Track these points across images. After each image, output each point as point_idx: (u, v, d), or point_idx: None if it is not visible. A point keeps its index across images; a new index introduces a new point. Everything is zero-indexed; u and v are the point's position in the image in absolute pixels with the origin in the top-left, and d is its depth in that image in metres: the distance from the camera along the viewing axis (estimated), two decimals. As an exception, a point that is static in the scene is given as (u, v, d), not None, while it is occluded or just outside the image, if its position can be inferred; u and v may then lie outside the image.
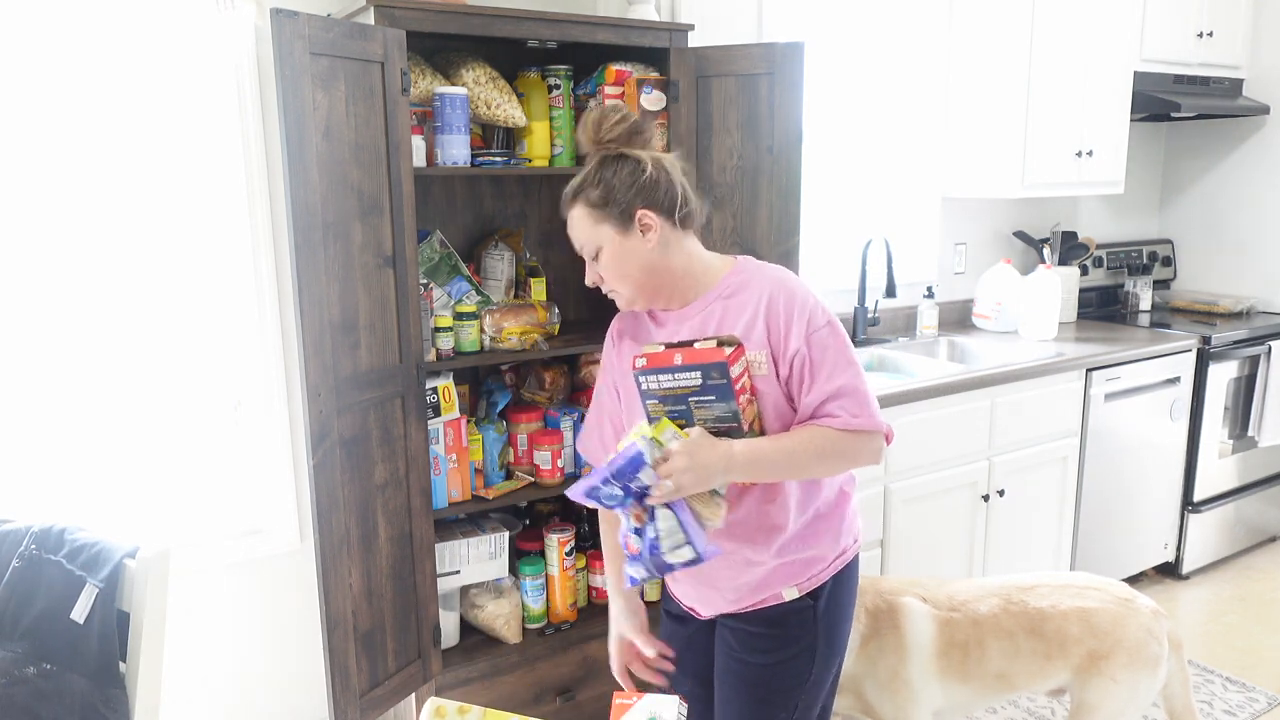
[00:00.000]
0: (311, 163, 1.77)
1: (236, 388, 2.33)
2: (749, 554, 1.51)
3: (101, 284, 2.14)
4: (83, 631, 1.58)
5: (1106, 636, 2.04)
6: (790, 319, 1.44)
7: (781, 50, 2.22)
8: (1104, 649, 2.04)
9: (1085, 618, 2.06)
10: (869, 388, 1.47)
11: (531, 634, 2.35)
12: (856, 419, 1.43)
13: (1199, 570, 3.69)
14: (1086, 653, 2.04)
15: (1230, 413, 3.59)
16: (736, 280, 1.51)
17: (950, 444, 2.83)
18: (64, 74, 2.03)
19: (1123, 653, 2.03)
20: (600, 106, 1.56)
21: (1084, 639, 2.05)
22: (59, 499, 2.13)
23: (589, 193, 1.48)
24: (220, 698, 2.40)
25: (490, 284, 2.38)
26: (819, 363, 1.43)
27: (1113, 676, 2.03)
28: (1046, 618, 2.06)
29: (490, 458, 2.30)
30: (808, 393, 1.44)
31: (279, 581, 2.43)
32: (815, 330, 1.44)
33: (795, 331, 1.44)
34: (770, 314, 1.45)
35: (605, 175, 1.47)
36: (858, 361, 1.47)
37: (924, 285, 3.49)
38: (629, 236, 1.47)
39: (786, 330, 1.44)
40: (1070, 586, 2.14)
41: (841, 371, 1.44)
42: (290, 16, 1.70)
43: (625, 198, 1.46)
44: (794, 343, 1.43)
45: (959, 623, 2.06)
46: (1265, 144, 3.86)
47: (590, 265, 1.52)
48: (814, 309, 1.46)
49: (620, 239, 1.47)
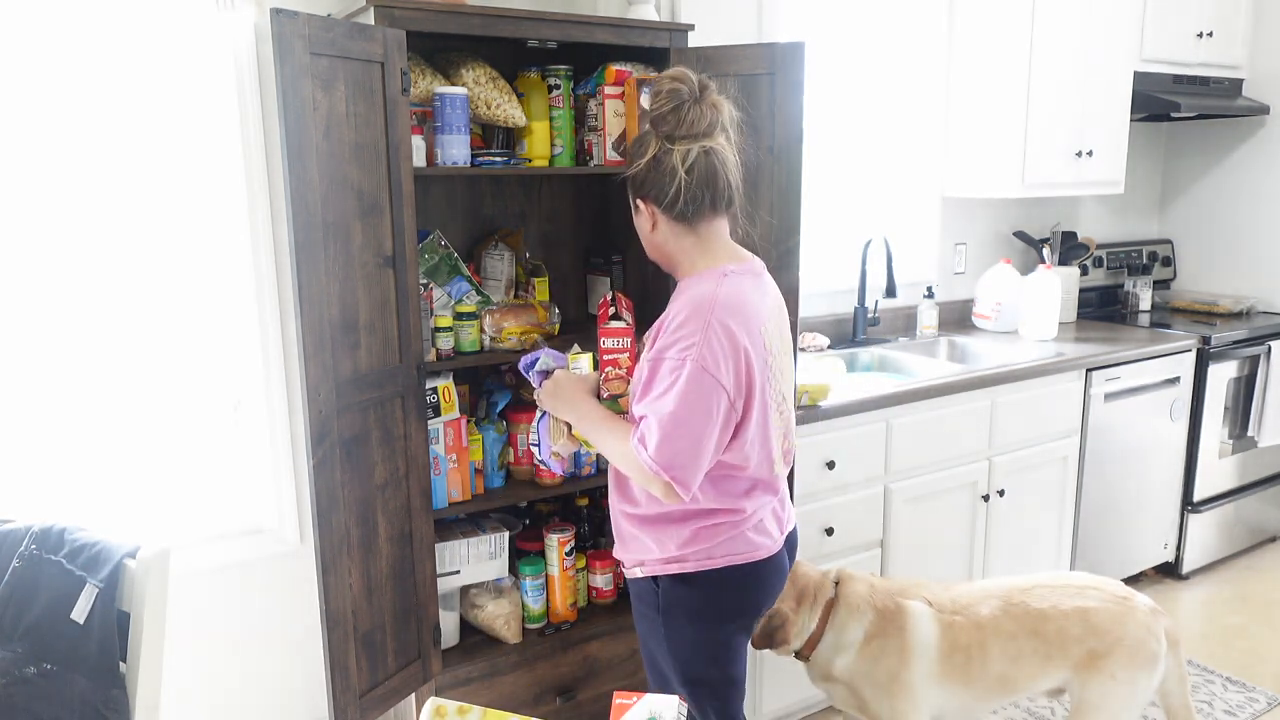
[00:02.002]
0: (311, 163, 1.77)
1: (236, 388, 2.33)
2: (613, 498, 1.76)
3: (102, 284, 2.14)
4: (83, 631, 1.58)
5: (1106, 635, 2.05)
6: (665, 330, 1.57)
7: (782, 50, 2.22)
8: (1103, 648, 2.04)
9: (1085, 617, 2.06)
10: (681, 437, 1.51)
11: (531, 634, 2.34)
12: (642, 447, 1.54)
13: (1199, 570, 3.69)
14: (1086, 652, 2.05)
15: (1230, 413, 3.59)
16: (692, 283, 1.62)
17: (950, 444, 2.83)
18: (64, 74, 2.03)
19: (1122, 651, 2.04)
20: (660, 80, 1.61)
21: (1084, 638, 2.05)
22: (59, 499, 2.13)
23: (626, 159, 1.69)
24: (220, 697, 2.40)
25: (490, 284, 2.38)
26: (653, 383, 1.55)
27: (1112, 675, 2.03)
28: (1047, 618, 2.06)
29: (490, 458, 2.30)
30: (637, 402, 1.59)
31: (279, 581, 2.43)
32: (668, 355, 1.53)
33: (658, 343, 1.56)
34: (665, 318, 1.60)
35: (631, 151, 1.66)
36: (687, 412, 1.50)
37: (924, 285, 3.49)
38: (638, 215, 1.68)
39: (655, 336, 1.60)
40: (1069, 586, 2.14)
41: (660, 404, 1.52)
42: (290, 16, 1.70)
43: (631, 183, 1.66)
44: (653, 349, 1.57)
45: (962, 626, 2.06)
46: (1265, 144, 3.86)
47: None
48: (688, 340, 1.51)
49: (634, 213, 1.70)
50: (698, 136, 1.58)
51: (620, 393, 1.69)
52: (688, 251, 1.65)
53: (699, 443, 1.52)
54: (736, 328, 1.54)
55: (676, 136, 1.58)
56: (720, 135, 1.61)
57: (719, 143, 1.61)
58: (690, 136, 1.58)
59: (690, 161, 1.57)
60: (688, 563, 1.68)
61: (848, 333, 3.35)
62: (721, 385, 1.52)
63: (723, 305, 1.54)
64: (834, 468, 2.58)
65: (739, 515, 1.67)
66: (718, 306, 1.54)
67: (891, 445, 2.70)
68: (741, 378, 1.55)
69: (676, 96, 1.58)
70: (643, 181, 1.62)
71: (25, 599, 1.60)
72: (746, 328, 1.56)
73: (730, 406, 1.55)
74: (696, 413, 1.51)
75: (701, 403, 1.51)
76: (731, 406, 1.55)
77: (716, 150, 1.60)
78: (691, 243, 1.64)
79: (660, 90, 1.59)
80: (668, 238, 1.66)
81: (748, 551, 1.68)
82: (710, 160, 1.59)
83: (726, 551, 1.67)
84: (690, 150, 1.57)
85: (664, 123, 1.59)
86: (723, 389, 1.52)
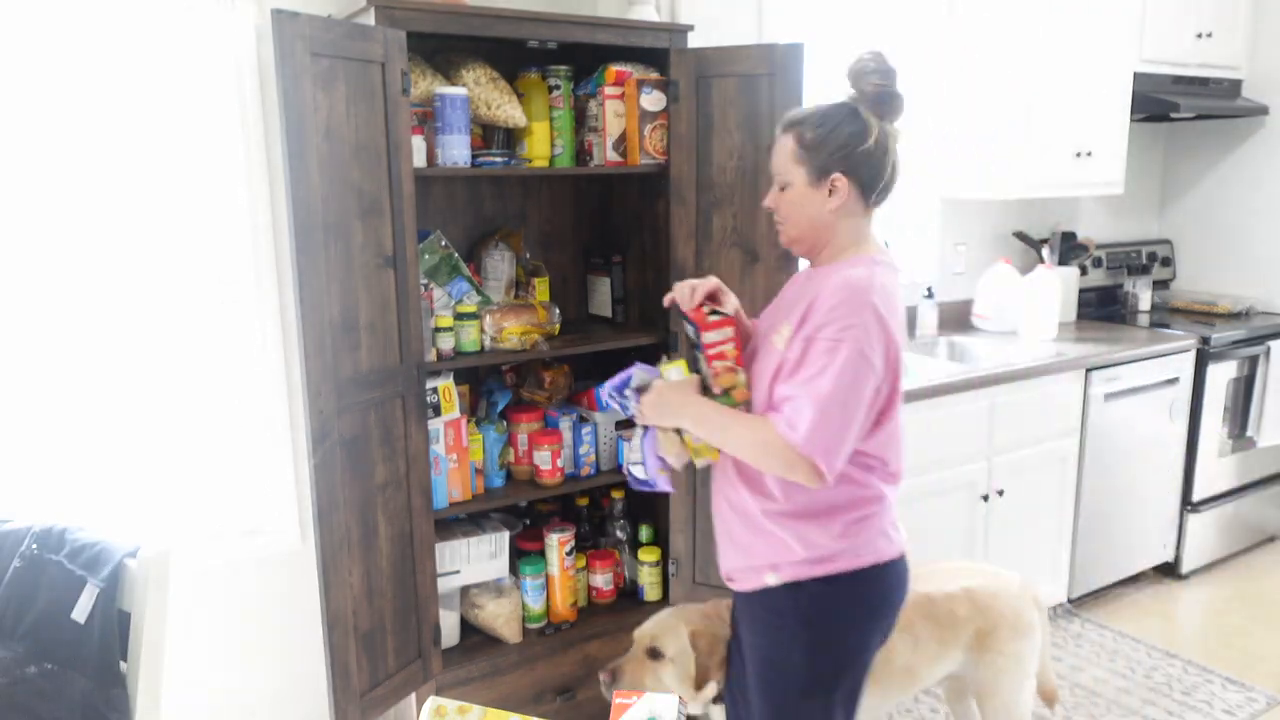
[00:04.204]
0: (312, 163, 1.77)
1: (237, 387, 2.33)
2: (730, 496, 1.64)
3: (102, 284, 2.14)
4: (83, 631, 1.58)
5: (989, 611, 2.06)
6: (817, 310, 1.49)
7: (781, 51, 2.22)
8: (988, 625, 2.05)
9: (970, 597, 2.07)
10: (836, 419, 1.45)
11: (531, 634, 2.35)
12: (791, 429, 1.46)
13: (1198, 570, 3.69)
14: (974, 631, 2.05)
15: (1229, 413, 3.59)
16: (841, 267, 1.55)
17: (950, 444, 2.83)
18: (65, 74, 2.03)
19: (1005, 625, 2.06)
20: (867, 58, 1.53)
21: (972, 618, 2.05)
22: (60, 499, 2.13)
23: (805, 131, 1.54)
24: (220, 697, 2.40)
25: (490, 284, 2.38)
26: (804, 363, 1.48)
27: (1000, 650, 2.06)
28: (935, 602, 2.04)
29: (490, 458, 2.30)
30: (783, 382, 1.50)
31: (279, 581, 2.43)
32: (823, 335, 1.47)
33: (811, 321, 1.49)
34: (815, 299, 1.51)
35: (829, 123, 1.53)
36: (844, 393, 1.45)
37: (924, 285, 3.49)
38: (818, 189, 1.55)
39: (807, 316, 1.51)
40: (949, 569, 2.16)
41: (814, 384, 1.45)
42: (291, 17, 1.70)
43: (833, 155, 1.53)
44: (805, 329, 1.49)
45: None
46: (1265, 144, 3.86)
47: (774, 192, 1.62)
48: (846, 320, 1.46)
49: (808, 188, 1.55)
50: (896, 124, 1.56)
51: (731, 385, 1.59)
52: (849, 235, 1.59)
53: (850, 426, 1.47)
54: (888, 316, 1.49)
55: (890, 120, 1.54)
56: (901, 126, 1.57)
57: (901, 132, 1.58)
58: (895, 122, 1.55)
59: (898, 149, 1.56)
60: (839, 561, 1.58)
61: (847, 333, 3.35)
62: (874, 369, 1.47)
63: (878, 291, 1.49)
64: (834, 468, 2.57)
65: (881, 508, 1.60)
66: (874, 291, 1.49)
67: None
68: (891, 365, 1.51)
69: (890, 78, 1.52)
70: (854, 157, 1.52)
71: (26, 599, 1.60)
72: (895, 318, 1.52)
73: (877, 393, 1.51)
74: (852, 396, 1.46)
75: (857, 386, 1.46)
76: (878, 393, 1.51)
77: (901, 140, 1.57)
78: (860, 226, 1.59)
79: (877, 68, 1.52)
80: (843, 217, 1.57)
81: (888, 548, 1.62)
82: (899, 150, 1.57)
83: (873, 549, 1.60)
84: (899, 136, 1.55)
85: (883, 104, 1.53)
86: (875, 372, 1.48)
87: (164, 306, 2.22)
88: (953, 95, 3.38)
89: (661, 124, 2.29)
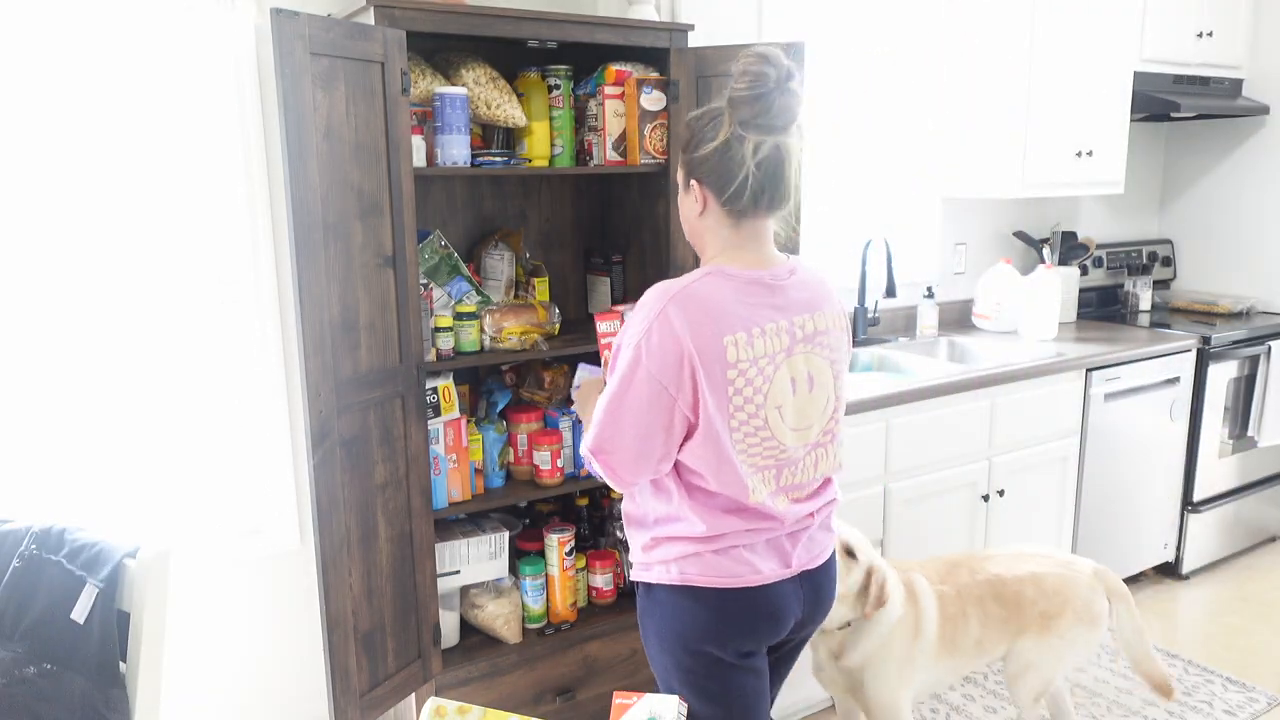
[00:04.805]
0: (311, 163, 1.77)
1: (237, 387, 2.33)
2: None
3: (102, 284, 2.14)
4: (83, 631, 1.58)
5: (1055, 597, 2.19)
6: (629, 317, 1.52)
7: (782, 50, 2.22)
8: (1054, 609, 2.19)
9: (1036, 581, 2.20)
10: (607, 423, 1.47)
11: (531, 634, 2.35)
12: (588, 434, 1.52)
13: (1199, 570, 3.69)
14: (1039, 613, 2.18)
15: (1230, 413, 3.59)
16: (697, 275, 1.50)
17: (950, 444, 2.83)
18: (65, 74, 2.03)
19: (1071, 612, 2.19)
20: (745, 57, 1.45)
21: (1037, 601, 2.19)
22: (59, 499, 2.13)
23: (683, 131, 1.55)
24: (220, 698, 2.40)
25: (490, 284, 2.38)
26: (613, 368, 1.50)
27: (1061, 634, 2.19)
28: (1005, 583, 2.19)
29: (490, 458, 2.30)
30: None
31: (279, 582, 2.43)
32: (624, 341, 1.48)
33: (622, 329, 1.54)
34: None
35: (695, 126, 1.51)
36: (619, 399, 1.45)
37: (924, 285, 3.49)
38: (687, 195, 1.55)
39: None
40: (1020, 554, 2.27)
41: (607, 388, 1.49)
42: (290, 16, 1.70)
43: (689, 162, 1.52)
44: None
45: (949, 596, 2.14)
46: (1265, 144, 3.86)
47: None
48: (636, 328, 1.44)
49: (682, 193, 1.56)
50: (774, 130, 1.44)
51: None
52: (718, 243, 1.53)
53: (632, 430, 1.44)
54: (684, 326, 1.41)
55: (753, 125, 1.43)
56: (795, 131, 1.47)
57: (793, 138, 1.47)
58: (767, 128, 1.43)
59: (761, 155, 1.44)
60: (652, 570, 1.58)
61: (848, 333, 3.35)
62: (658, 378, 1.41)
63: (677, 300, 1.42)
64: (834, 468, 2.57)
65: (697, 532, 1.51)
66: (671, 301, 1.42)
67: (891, 445, 2.70)
68: (685, 377, 1.42)
69: (762, 82, 1.42)
70: (703, 165, 1.48)
71: (25, 599, 1.60)
72: (698, 331, 1.41)
73: (671, 401, 1.43)
74: (630, 400, 1.43)
75: (637, 391, 1.42)
76: (673, 401, 1.43)
77: (787, 146, 1.46)
78: (728, 237, 1.52)
79: (745, 70, 1.43)
80: (710, 225, 1.53)
81: (712, 576, 1.52)
82: (780, 155, 1.46)
83: (687, 571, 1.53)
84: (764, 143, 1.43)
85: (742, 107, 1.43)
86: (660, 382, 1.42)
87: (164, 306, 2.22)
88: (953, 95, 3.38)
89: (661, 124, 2.29)
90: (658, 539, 1.56)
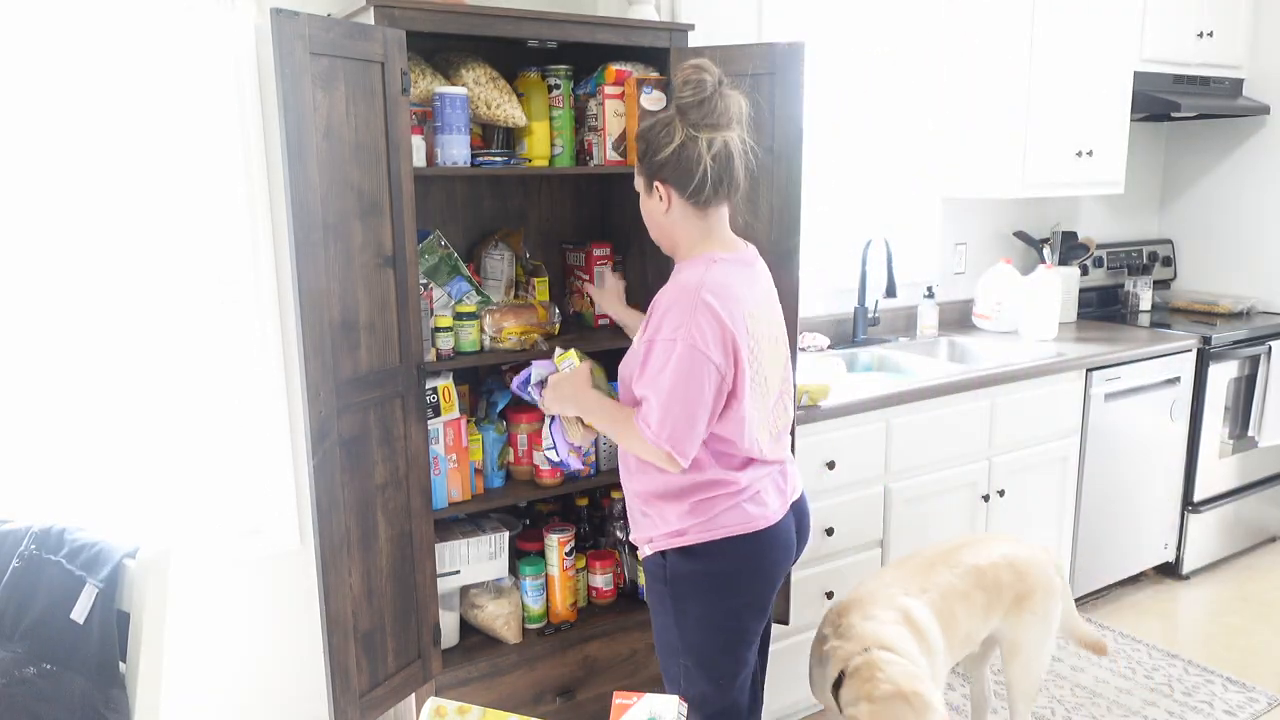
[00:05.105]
0: (311, 163, 1.77)
1: (236, 387, 2.33)
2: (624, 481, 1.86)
3: (102, 284, 2.14)
4: (83, 631, 1.58)
5: (1027, 576, 2.24)
6: (655, 314, 1.68)
7: (782, 50, 2.22)
8: (1025, 589, 2.24)
9: (1010, 564, 2.24)
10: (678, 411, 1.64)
11: (531, 634, 2.34)
12: (646, 425, 1.67)
13: (1199, 570, 3.69)
14: (1014, 595, 2.23)
15: (1230, 413, 3.59)
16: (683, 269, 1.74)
17: (950, 444, 2.83)
18: (65, 74, 2.03)
19: (1040, 589, 2.25)
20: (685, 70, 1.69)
21: (1013, 583, 2.24)
22: (60, 499, 2.13)
23: (639, 144, 1.74)
24: (220, 698, 2.40)
25: (490, 284, 2.38)
26: (648, 364, 1.67)
27: (1033, 610, 2.25)
28: (984, 571, 2.22)
29: (490, 458, 2.30)
30: (636, 382, 1.71)
31: (279, 582, 2.43)
32: (660, 336, 1.65)
33: (652, 325, 1.69)
34: (656, 304, 1.71)
35: (650, 136, 1.71)
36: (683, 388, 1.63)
37: (924, 285, 3.49)
38: (651, 197, 1.75)
39: (649, 321, 1.70)
40: (986, 539, 2.31)
41: (658, 382, 1.65)
42: (290, 16, 1.70)
43: (650, 166, 1.72)
44: (647, 332, 1.69)
45: (938, 602, 2.15)
46: (1265, 144, 3.86)
47: None
48: (677, 322, 1.63)
49: (646, 196, 1.76)
50: (720, 127, 1.67)
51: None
52: (691, 235, 1.75)
53: (694, 414, 1.65)
54: (720, 309, 1.64)
55: (703, 125, 1.66)
56: (736, 127, 1.70)
57: (735, 133, 1.70)
58: (714, 126, 1.66)
59: (715, 150, 1.66)
60: (688, 535, 1.75)
61: (848, 333, 3.35)
62: (711, 360, 1.62)
63: (708, 288, 1.65)
64: (834, 468, 2.58)
65: (734, 487, 1.74)
66: (704, 289, 1.64)
67: (891, 445, 2.70)
68: (729, 353, 1.65)
69: (702, 88, 1.66)
70: (665, 166, 1.69)
71: (25, 599, 1.60)
72: (729, 311, 1.65)
73: (721, 378, 1.65)
74: (691, 387, 1.63)
75: (695, 378, 1.63)
76: (722, 379, 1.66)
77: (732, 141, 1.69)
78: (698, 225, 1.74)
79: (687, 80, 1.67)
80: (677, 221, 1.74)
81: (745, 523, 1.75)
82: (729, 149, 1.68)
83: (725, 523, 1.75)
84: (714, 139, 1.66)
85: (691, 111, 1.67)
86: (712, 363, 1.63)
87: (163, 306, 2.22)
88: (953, 95, 3.38)
89: (661, 124, 2.28)
90: (699, 501, 1.75)
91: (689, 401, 1.64)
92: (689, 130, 1.66)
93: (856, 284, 3.30)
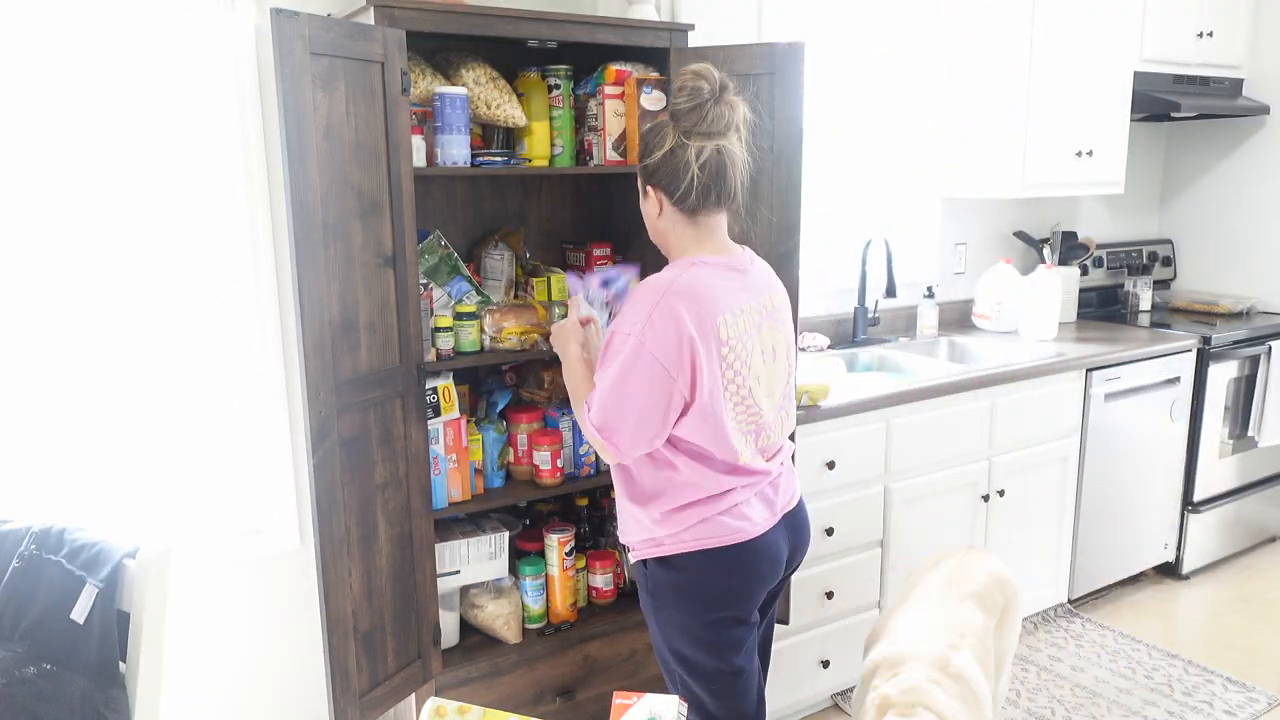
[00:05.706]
0: (311, 163, 1.77)
1: (236, 387, 2.33)
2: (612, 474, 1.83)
3: (102, 284, 2.14)
4: (83, 631, 1.58)
5: (1007, 589, 2.19)
6: (624, 308, 1.69)
7: (782, 50, 2.22)
8: (1007, 601, 2.19)
9: (998, 581, 2.18)
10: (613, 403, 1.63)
11: (531, 634, 2.34)
12: (588, 408, 1.68)
13: (1199, 570, 3.69)
14: (1001, 610, 2.18)
15: (1230, 413, 3.59)
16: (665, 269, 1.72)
17: (950, 444, 2.83)
18: (64, 74, 2.03)
19: (1015, 601, 2.21)
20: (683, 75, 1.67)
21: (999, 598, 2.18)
22: (59, 499, 2.13)
23: (639, 144, 1.75)
24: (220, 698, 2.40)
25: (490, 284, 2.38)
26: (606, 354, 1.67)
27: (1013, 622, 2.21)
28: (984, 595, 2.14)
29: (490, 458, 2.30)
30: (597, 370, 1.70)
31: (279, 582, 2.43)
32: (619, 331, 1.64)
33: (615, 320, 1.69)
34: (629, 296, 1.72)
35: (646, 139, 1.72)
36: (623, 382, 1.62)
37: (924, 285, 3.49)
38: (646, 200, 1.76)
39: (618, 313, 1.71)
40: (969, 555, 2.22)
41: (605, 371, 1.65)
42: (290, 16, 1.70)
43: (643, 171, 1.73)
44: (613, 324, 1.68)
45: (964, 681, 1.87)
46: (1265, 144, 3.86)
47: None
48: (635, 318, 1.62)
49: (642, 200, 1.77)
50: (713, 135, 1.65)
51: None
52: (683, 239, 1.74)
53: (628, 410, 1.62)
54: (685, 313, 1.61)
55: (694, 133, 1.65)
56: (733, 135, 1.68)
57: (731, 142, 1.67)
58: (706, 134, 1.65)
59: (704, 158, 1.65)
60: (664, 545, 1.73)
61: (848, 333, 3.35)
62: (660, 362, 1.60)
63: (675, 292, 1.62)
64: (834, 468, 2.58)
65: (710, 498, 1.71)
66: (669, 292, 1.62)
67: (891, 445, 2.70)
68: (684, 357, 1.61)
69: (697, 95, 1.64)
70: (655, 171, 1.69)
71: (25, 599, 1.60)
72: (696, 313, 1.62)
73: (673, 382, 1.61)
74: (631, 384, 1.61)
75: (636, 375, 1.61)
76: (673, 382, 1.61)
77: (728, 149, 1.67)
78: (689, 232, 1.73)
79: (683, 86, 1.65)
80: (670, 225, 1.74)
81: (722, 535, 1.71)
82: (721, 158, 1.66)
83: (701, 536, 1.71)
84: (705, 147, 1.65)
85: (683, 118, 1.65)
86: (662, 366, 1.60)
87: (163, 306, 2.22)
88: (953, 95, 3.38)
89: (661, 124, 2.28)
90: (669, 511, 1.72)
91: (625, 396, 1.62)
92: (679, 137, 1.65)
93: (856, 284, 3.30)
